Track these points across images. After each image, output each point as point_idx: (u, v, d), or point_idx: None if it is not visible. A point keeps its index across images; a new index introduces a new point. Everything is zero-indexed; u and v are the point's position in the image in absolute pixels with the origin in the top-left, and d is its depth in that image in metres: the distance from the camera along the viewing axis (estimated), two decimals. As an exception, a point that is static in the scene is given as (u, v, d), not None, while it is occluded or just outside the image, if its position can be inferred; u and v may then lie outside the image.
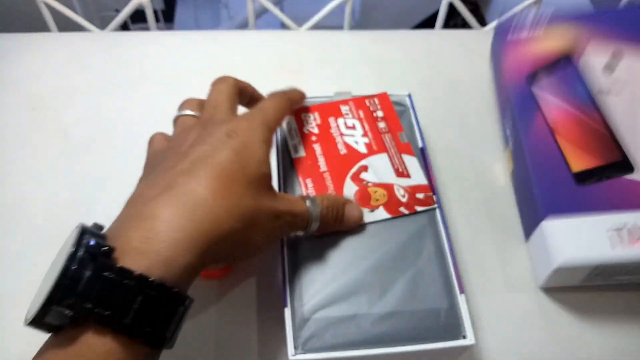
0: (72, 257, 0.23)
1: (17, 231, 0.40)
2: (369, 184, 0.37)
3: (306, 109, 0.40)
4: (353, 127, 0.39)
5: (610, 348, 0.37)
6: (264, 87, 0.38)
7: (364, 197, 0.36)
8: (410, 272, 0.34)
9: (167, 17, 1.42)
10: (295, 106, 0.40)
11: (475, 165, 0.46)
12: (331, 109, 0.40)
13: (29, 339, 0.36)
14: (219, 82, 0.35)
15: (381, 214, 0.36)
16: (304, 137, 0.39)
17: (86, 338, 0.23)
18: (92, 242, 0.24)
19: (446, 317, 0.32)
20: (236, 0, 1.45)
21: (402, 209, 0.36)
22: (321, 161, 0.38)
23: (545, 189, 0.37)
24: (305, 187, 0.37)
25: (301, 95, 0.39)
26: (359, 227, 0.35)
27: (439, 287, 0.33)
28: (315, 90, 0.41)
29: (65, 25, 0.59)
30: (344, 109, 0.40)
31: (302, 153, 0.38)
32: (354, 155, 0.38)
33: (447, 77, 0.52)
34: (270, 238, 0.31)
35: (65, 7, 0.57)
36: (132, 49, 0.54)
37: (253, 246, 0.30)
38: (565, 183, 0.37)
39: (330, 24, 0.64)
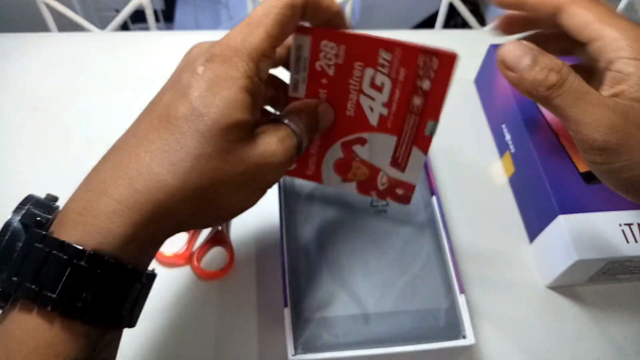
0: (6, 227, 0.22)
1: (17, 231, 0.40)
2: (356, 159, 0.32)
3: (333, 36, 0.27)
4: (379, 89, 0.28)
5: (612, 346, 0.37)
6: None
7: (343, 167, 0.33)
8: (410, 272, 0.34)
9: (167, 17, 1.42)
10: (312, 14, 0.26)
11: (473, 167, 0.46)
12: (366, 49, 0.27)
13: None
14: None
15: (350, 187, 0.34)
16: (312, 74, 0.29)
17: (13, 314, 0.21)
18: (28, 212, 0.23)
19: (446, 317, 0.32)
20: (236, 0, 1.45)
21: (373, 193, 0.34)
22: None
23: (558, 188, 0.38)
24: None
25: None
26: (360, 227, 0.35)
27: (438, 287, 0.33)
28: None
29: (65, 25, 0.59)
30: (383, 57, 0.27)
31: (300, 93, 0.30)
32: (359, 123, 0.30)
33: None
34: (250, 194, 0.26)
35: (65, 7, 0.57)
36: (132, 49, 0.54)
37: (224, 209, 0.26)
38: (575, 182, 0.38)
39: (330, 24, 0.64)
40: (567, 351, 0.37)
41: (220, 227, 0.40)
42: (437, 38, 0.57)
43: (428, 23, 1.49)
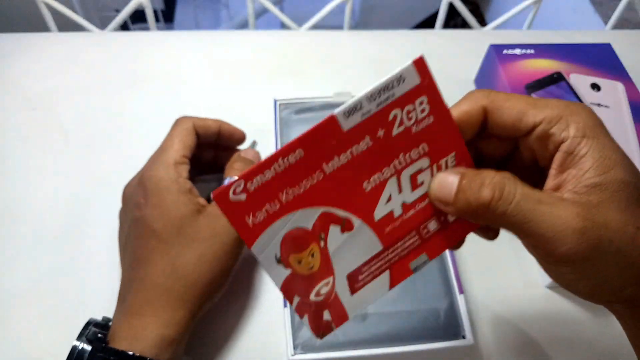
0: (73, 350, 0.29)
1: (17, 231, 0.40)
2: (320, 242, 0.24)
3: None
4: (416, 185, 0.24)
5: (612, 347, 0.37)
6: (264, 87, 0.38)
7: (298, 242, 0.23)
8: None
9: (167, 17, 1.42)
10: (206, 130, 0.37)
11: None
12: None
13: (28, 339, 0.36)
14: (175, 125, 0.36)
15: (279, 273, 0.24)
16: None
17: None
18: (91, 331, 0.30)
19: (445, 317, 0.32)
20: (236, 0, 1.45)
21: (295, 298, 0.24)
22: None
23: None
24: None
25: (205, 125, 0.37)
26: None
27: (438, 286, 0.33)
28: (315, 90, 0.41)
29: (65, 25, 0.59)
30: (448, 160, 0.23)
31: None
32: (363, 204, 0.24)
33: (447, 77, 0.52)
34: (227, 255, 0.33)
35: (65, 7, 0.57)
36: (132, 49, 0.54)
37: (221, 276, 0.33)
38: None
39: (330, 24, 0.64)
40: (566, 351, 0.37)
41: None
42: (437, 38, 0.57)
43: (428, 23, 1.49)
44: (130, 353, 0.28)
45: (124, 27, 1.19)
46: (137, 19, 1.13)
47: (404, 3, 1.46)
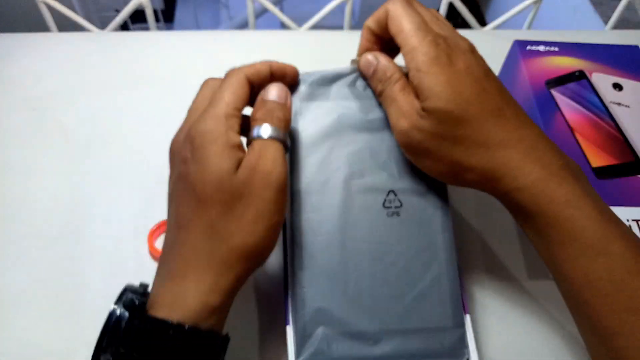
0: (110, 315, 0.27)
1: (17, 231, 0.40)
2: None
3: None
4: None
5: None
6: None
7: None
8: (420, 286, 0.32)
9: (167, 17, 1.42)
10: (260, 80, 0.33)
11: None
12: None
13: (29, 339, 0.36)
14: (226, 77, 0.32)
15: None
16: None
17: None
18: (127, 297, 0.28)
19: (451, 338, 0.31)
20: (236, 0, 1.45)
21: None
22: None
23: None
24: None
25: (266, 69, 0.32)
26: (369, 233, 0.32)
27: (446, 305, 0.31)
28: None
29: (65, 25, 0.59)
30: None
31: None
32: None
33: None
34: (273, 209, 0.29)
35: (65, 7, 0.57)
36: (132, 49, 0.54)
37: (267, 228, 0.29)
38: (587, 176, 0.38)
39: (330, 24, 0.64)
40: (568, 347, 0.37)
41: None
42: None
43: (428, 23, 1.49)
44: (169, 321, 0.26)
45: (124, 27, 1.19)
46: (137, 19, 1.12)
47: (404, 3, 1.46)
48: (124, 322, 0.26)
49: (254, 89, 0.32)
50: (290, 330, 0.31)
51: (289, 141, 0.31)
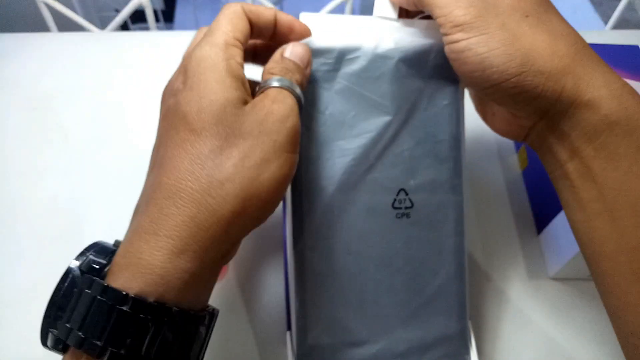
0: (66, 274, 0.22)
1: (17, 231, 0.40)
2: None
3: None
4: None
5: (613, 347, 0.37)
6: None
7: None
8: (426, 294, 0.30)
9: (167, 17, 1.41)
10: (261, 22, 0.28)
11: (483, 164, 0.46)
12: None
13: (29, 339, 0.36)
14: (222, 10, 0.27)
15: None
16: None
17: None
18: (87, 259, 0.23)
19: (453, 346, 0.31)
20: (236, 0, 1.45)
21: None
22: None
23: None
24: None
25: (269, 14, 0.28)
26: (376, 237, 0.30)
27: (452, 313, 0.31)
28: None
29: (65, 25, 0.59)
30: None
31: None
32: None
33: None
34: (280, 158, 0.24)
35: (65, 7, 0.57)
36: (132, 49, 0.54)
37: (268, 187, 0.24)
38: None
39: (330, 24, 0.64)
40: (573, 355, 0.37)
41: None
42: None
43: (428, 23, 1.49)
44: (124, 293, 0.20)
45: (124, 27, 1.19)
46: (137, 19, 1.12)
47: (404, 3, 1.46)
48: (77, 289, 0.22)
49: (254, 30, 0.27)
50: (290, 337, 0.30)
51: (303, 102, 0.27)
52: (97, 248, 0.24)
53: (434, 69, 0.30)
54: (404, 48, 0.29)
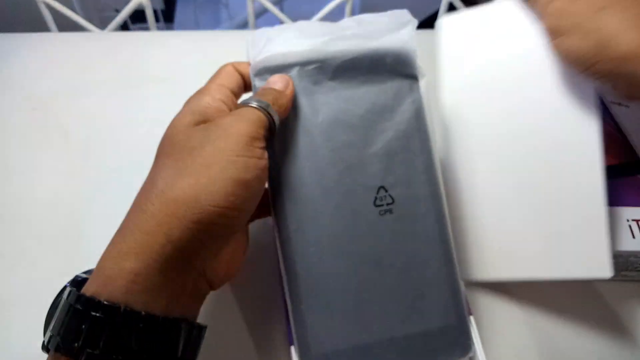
0: (63, 289, 0.25)
1: (17, 231, 0.40)
2: None
3: None
4: None
5: (615, 347, 0.37)
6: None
7: None
8: (419, 286, 0.30)
9: (167, 17, 1.41)
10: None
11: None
12: None
13: (29, 339, 0.36)
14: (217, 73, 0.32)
15: None
16: None
17: None
18: (77, 275, 0.26)
19: (455, 333, 0.30)
20: (236, 0, 1.45)
21: None
22: None
23: None
24: None
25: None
26: (362, 235, 0.30)
27: (448, 300, 0.31)
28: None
29: (65, 25, 0.59)
30: None
31: None
32: None
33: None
34: (241, 169, 0.26)
35: (65, 7, 0.57)
36: (132, 49, 0.54)
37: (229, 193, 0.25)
38: None
39: (330, 24, 0.64)
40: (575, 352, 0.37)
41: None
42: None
43: (428, 23, 1.49)
44: (97, 300, 0.22)
45: (124, 27, 1.19)
46: (137, 19, 1.12)
47: (403, 3, 1.46)
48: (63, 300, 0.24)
49: (245, 81, 0.32)
50: (294, 351, 0.30)
51: (276, 119, 0.29)
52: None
53: (391, 71, 0.32)
54: (359, 53, 0.31)
